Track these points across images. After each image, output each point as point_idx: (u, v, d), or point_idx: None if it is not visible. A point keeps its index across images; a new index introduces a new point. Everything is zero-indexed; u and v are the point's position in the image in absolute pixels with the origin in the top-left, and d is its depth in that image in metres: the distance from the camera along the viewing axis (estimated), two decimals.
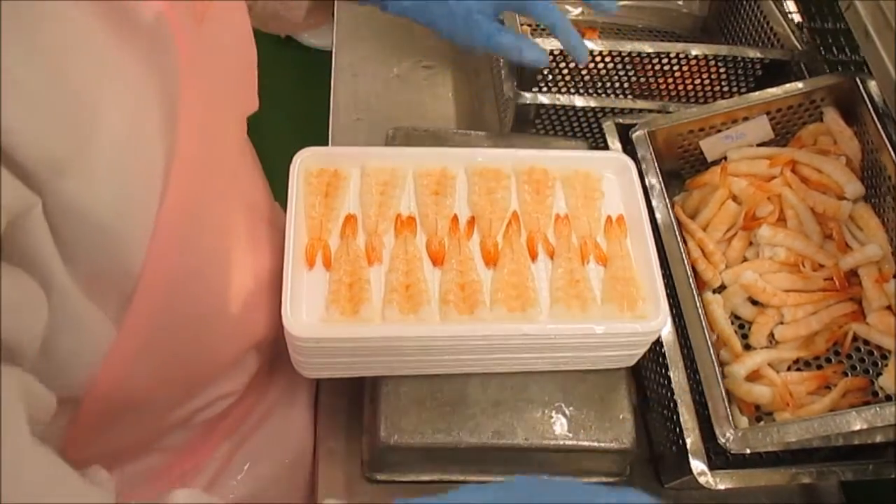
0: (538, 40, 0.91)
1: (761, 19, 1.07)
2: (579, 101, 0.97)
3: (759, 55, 0.99)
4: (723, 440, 0.69)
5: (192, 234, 0.49)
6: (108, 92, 0.41)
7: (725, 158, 0.94)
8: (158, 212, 0.45)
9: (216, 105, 0.52)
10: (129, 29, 0.43)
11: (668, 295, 0.70)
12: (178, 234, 0.47)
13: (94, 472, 0.47)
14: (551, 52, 0.97)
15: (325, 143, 1.05)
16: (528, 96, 0.97)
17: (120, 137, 0.41)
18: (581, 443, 0.72)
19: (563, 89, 1.02)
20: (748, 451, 0.70)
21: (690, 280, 0.79)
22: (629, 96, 1.03)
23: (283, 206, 0.71)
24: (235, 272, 0.59)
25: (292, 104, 2.02)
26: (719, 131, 0.93)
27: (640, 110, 0.97)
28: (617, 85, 1.03)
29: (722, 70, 1.01)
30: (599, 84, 1.03)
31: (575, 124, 1.01)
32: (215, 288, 0.56)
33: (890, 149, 0.82)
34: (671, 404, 0.75)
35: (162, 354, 0.51)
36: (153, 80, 0.44)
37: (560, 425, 0.72)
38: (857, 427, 0.68)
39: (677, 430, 0.74)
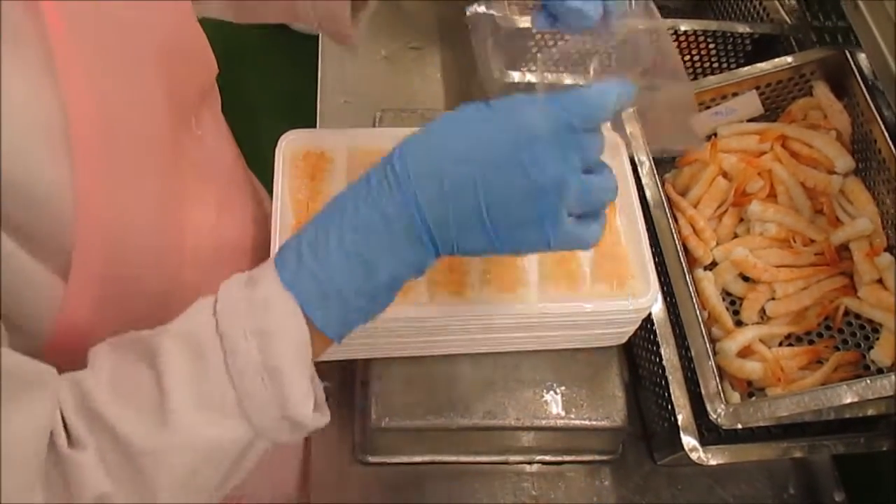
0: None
1: None
2: (568, 80, 0.96)
3: (748, 30, 0.99)
4: (714, 416, 0.70)
5: (122, 196, 0.48)
6: None
7: (715, 135, 0.93)
8: (74, 172, 0.44)
9: (129, 76, 0.50)
10: None
11: (658, 272, 0.70)
12: (104, 196, 0.46)
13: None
14: (539, 31, 0.96)
15: (314, 127, 1.05)
16: (515, 75, 0.96)
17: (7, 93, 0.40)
18: (573, 421, 0.72)
19: (552, 68, 1.01)
20: (739, 426, 0.70)
21: (681, 257, 0.78)
22: (618, 73, 1.02)
23: (270, 188, 0.70)
24: (190, 238, 0.58)
25: (280, 88, 2.01)
26: (709, 107, 0.93)
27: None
28: (606, 62, 1.02)
29: (711, 45, 1.00)
30: (588, 61, 1.02)
31: None
32: (164, 250, 0.55)
33: (880, 121, 0.82)
34: (662, 381, 0.75)
35: (117, 317, 0.51)
36: (29, 44, 0.43)
37: (552, 404, 0.72)
38: (849, 400, 0.68)
39: (669, 406, 0.74)
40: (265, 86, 2.09)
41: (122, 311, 0.51)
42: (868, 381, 0.68)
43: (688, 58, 1.01)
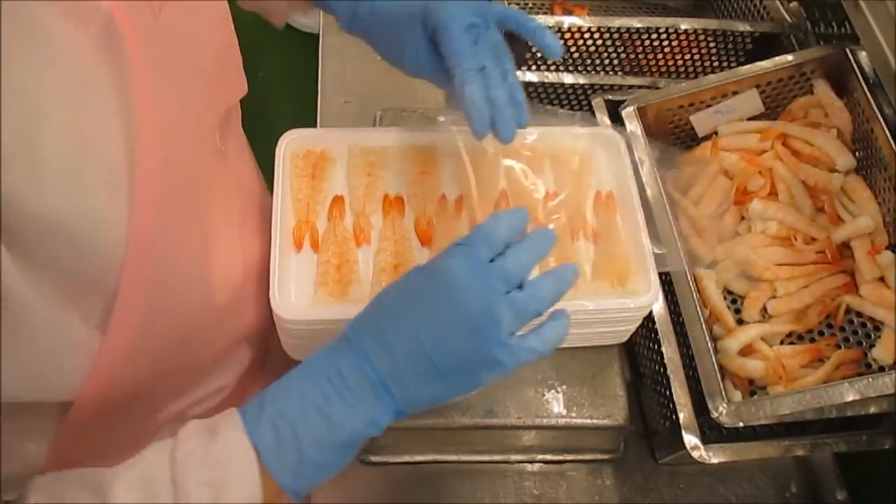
0: None
1: None
2: (568, 79, 0.96)
3: (748, 28, 0.99)
4: (716, 414, 0.69)
5: (170, 233, 0.49)
6: (51, 91, 0.40)
7: (716, 133, 0.93)
8: (131, 212, 0.44)
9: (185, 96, 0.51)
10: (73, 27, 0.41)
11: (659, 271, 0.70)
12: (155, 235, 0.46)
13: None
14: None
15: (314, 127, 1.04)
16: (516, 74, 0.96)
17: (68, 136, 0.40)
18: (574, 420, 0.72)
19: (552, 66, 1.01)
20: (741, 424, 0.70)
21: (682, 255, 0.78)
22: (619, 72, 1.03)
23: (270, 188, 0.70)
24: (221, 264, 0.58)
25: (281, 87, 2.01)
26: (709, 106, 0.92)
27: (630, 86, 0.97)
28: (606, 61, 1.02)
29: (712, 44, 1.00)
30: (588, 60, 1.02)
31: (564, 101, 1.00)
32: (200, 284, 0.55)
33: (881, 119, 0.82)
34: (664, 380, 0.75)
35: (151, 355, 0.51)
36: (102, 78, 0.43)
37: (553, 403, 0.72)
38: (850, 398, 0.68)
39: (670, 405, 0.73)
40: (266, 86, 2.08)
41: (156, 348, 0.51)
42: (870, 380, 0.68)
43: (688, 56, 1.01)
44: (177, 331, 0.53)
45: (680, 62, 1.02)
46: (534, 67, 1.00)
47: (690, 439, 0.71)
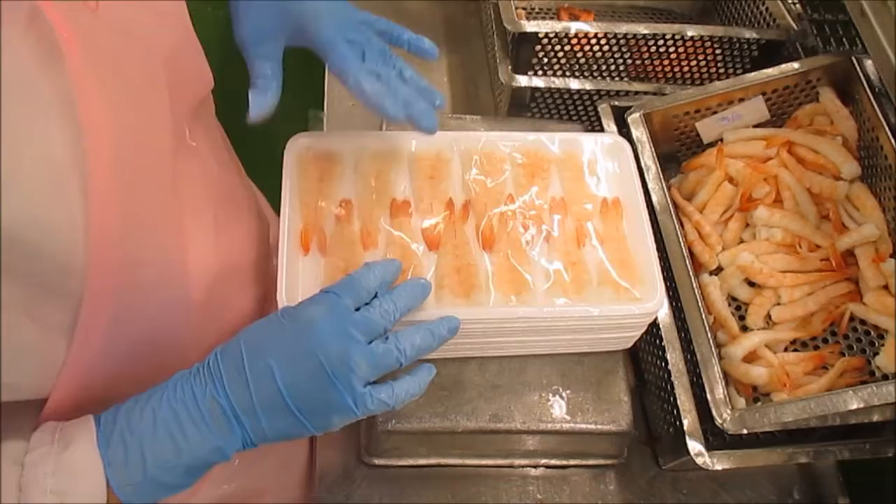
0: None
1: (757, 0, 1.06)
2: (574, 84, 0.97)
3: (754, 36, 0.99)
4: (720, 421, 0.70)
5: (134, 232, 0.48)
6: None
7: (721, 140, 0.93)
8: (88, 215, 0.43)
9: (138, 92, 0.49)
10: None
11: (664, 277, 0.70)
12: (118, 235, 0.45)
13: None
14: (546, 35, 0.96)
15: (321, 130, 1.05)
16: (523, 80, 0.97)
17: (9, 143, 0.39)
18: (578, 425, 0.72)
19: (559, 72, 1.01)
20: (745, 431, 0.70)
21: (687, 262, 0.78)
22: (625, 79, 1.03)
23: (278, 191, 0.70)
24: (193, 261, 0.58)
25: (288, 91, 2.01)
26: (715, 113, 0.93)
27: (636, 93, 0.97)
28: (612, 67, 1.02)
29: (718, 51, 1.00)
30: (595, 66, 1.02)
31: (570, 107, 1.01)
32: (171, 281, 0.55)
33: (886, 128, 0.82)
34: (668, 386, 0.75)
35: (126, 353, 0.51)
36: (37, 78, 0.41)
37: (557, 408, 0.72)
38: (854, 406, 0.68)
39: (674, 411, 0.74)
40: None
41: (131, 346, 0.52)
42: (874, 388, 0.68)
43: (694, 63, 1.01)
44: (151, 330, 0.53)
45: (686, 69, 1.02)
46: (540, 73, 1.00)
47: (694, 445, 0.71)
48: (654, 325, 0.78)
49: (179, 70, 0.56)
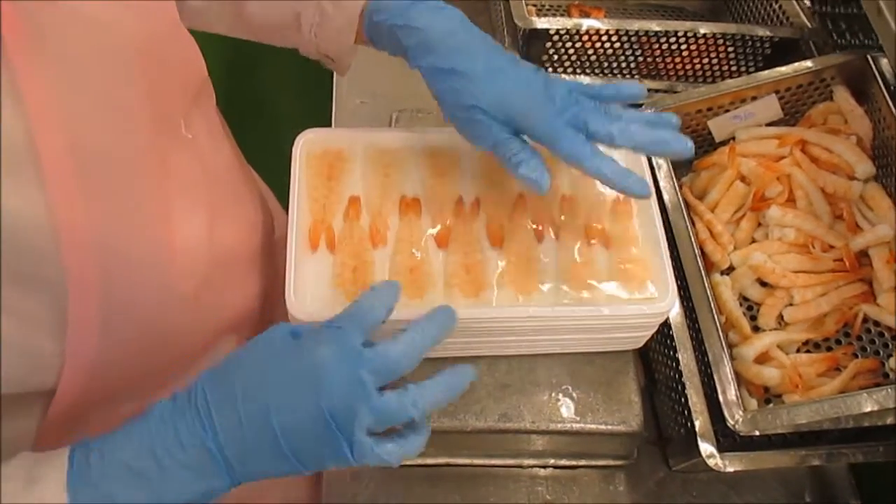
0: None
1: None
2: (585, 81, 0.96)
3: (768, 33, 0.98)
4: (732, 422, 0.69)
5: (114, 224, 0.47)
6: None
7: (734, 138, 0.93)
8: (49, 202, 0.42)
9: (106, 81, 0.48)
10: None
11: (675, 276, 0.69)
12: (91, 225, 0.45)
13: None
14: (557, 31, 0.95)
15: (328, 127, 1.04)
16: None
17: None
18: (588, 426, 0.71)
19: (569, 69, 1.01)
20: (757, 432, 0.69)
21: (698, 261, 0.78)
22: (636, 76, 1.02)
23: (286, 188, 0.70)
24: (183, 254, 0.56)
25: (297, 88, 2.01)
26: (727, 111, 0.92)
27: (648, 90, 0.96)
28: (624, 65, 1.01)
29: (730, 49, 0.99)
30: (606, 64, 1.01)
31: None
32: (161, 274, 0.53)
33: None
34: (679, 387, 0.74)
35: (121, 347, 0.50)
36: None
37: (567, 408, 0.72)
38: (868, 409, 0.67)
39: (685, 412, 0.73)
40: (281, 86, 2.09)
41: (124, 341, 0.51)
42: (888, 390, 0.68)
43: (706, 61, 1.00)
44: (146, 321, 0.52)
45: (698, 66, 1.01)
46: (551, 70, 0.99)
47: (706, 447, 0.70)
48: (665, 325, 0.77)
49: (161, 58, 0.55)
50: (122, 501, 0.46)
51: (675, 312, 0.77)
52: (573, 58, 1.00)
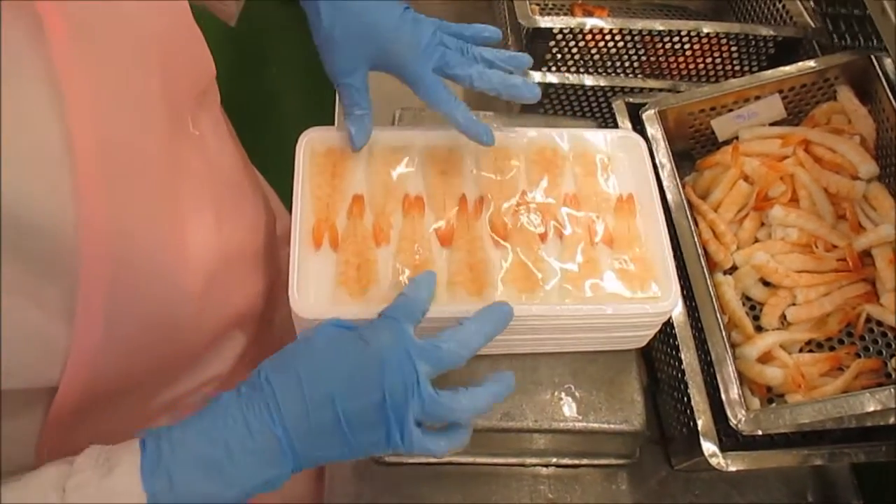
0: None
1: None
2: (589, 81, 0.96)
3: (771, 33, 0.98)
4: (734, 421, 0.69)
5: (127, 218, 0.47)
6: None
7: (737, 138, 0.93)
8: (76, 195, 0.43)
9: (128, 76, 0.49)
10: None
11: (678, 276, 0.69)
12: (108, 218, 0.45)
13: None
14: (560, 31, 0.95)
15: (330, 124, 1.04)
16: (536, 76, 0.96)
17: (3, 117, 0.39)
18: (591, 425, 0.71)
19: (573, 68, 1.01)
20: (760, 432, 0.69)
21: (701, 261, 0.78)
22: (639, 75, 1.02)
23: (290, 186, 0.70)
24: (192, 250, 0.56)
25: (300, 86, 2.01)
26: (731, 110, 0.92)
27: (651, 89, 0.96)
28: (627, 64, 1.01)
29: (734, 48, 0.99)
30: (609, 63, 1.01)
31: (584, 104, 1.00)
32: (169, 269, 0.54)
33: None
34: (682, 386, 0.74)
35: (126, 343, 0.50)
36: (24, 57, 0.41)
37: (570, 407, 0.72)
38: (871, 409, 0.68)
39: (688, 411, 0.73)
40: (284, 84, 2.09)
41: (130, 337, 0.51)
42: (892, 390, 0.68)
43: (710, 60, 1.00)
44: (151, 316, 0.53)
45: (701, 66, 1.01)
46: (554, 69, 0.99)
47: (709, 446, 0.70)
48: (667, 325, 0.77)
49: (175, 54, 0.55)
50: (196, 487, 0.47)
51: (677, 312, 0.77)
52: (577, 57, 0.99)
